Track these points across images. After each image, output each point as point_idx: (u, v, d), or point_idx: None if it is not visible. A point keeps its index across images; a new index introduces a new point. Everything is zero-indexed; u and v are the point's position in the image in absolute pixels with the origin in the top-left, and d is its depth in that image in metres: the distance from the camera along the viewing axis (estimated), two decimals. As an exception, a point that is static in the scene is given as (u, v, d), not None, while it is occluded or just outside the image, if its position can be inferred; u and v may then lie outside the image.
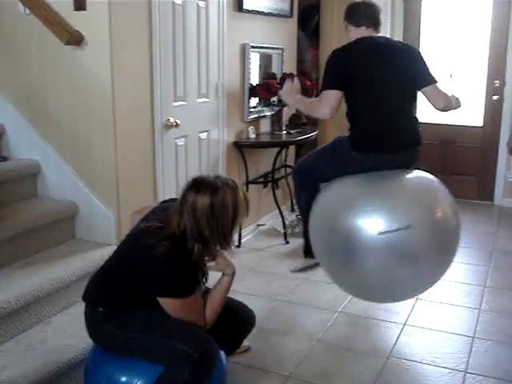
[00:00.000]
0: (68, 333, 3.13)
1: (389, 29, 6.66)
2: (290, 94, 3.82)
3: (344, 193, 3.46)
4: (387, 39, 3.77)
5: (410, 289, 3.43)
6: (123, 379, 2.55)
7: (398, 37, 6.69)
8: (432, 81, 3.58)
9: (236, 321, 2.92)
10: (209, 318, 2.62)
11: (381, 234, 3.23)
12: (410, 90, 3.59)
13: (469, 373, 3.20)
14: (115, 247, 3.68)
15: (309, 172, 3.80)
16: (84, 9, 3.55)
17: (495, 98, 6.41)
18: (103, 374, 2.63)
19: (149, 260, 2.46)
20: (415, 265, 3.23)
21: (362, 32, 3.59)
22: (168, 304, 2.51)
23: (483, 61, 6.46)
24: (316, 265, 4.06)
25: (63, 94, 3.76)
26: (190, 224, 2.47)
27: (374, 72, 3.47)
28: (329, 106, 3.42)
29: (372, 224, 3.15)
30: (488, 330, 3.66)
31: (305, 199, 3.79)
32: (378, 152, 3.45)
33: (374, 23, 3.62)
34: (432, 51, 6.71)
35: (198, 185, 2.52)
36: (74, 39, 3.57)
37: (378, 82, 3.47)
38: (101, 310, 2.62)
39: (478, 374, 3.18)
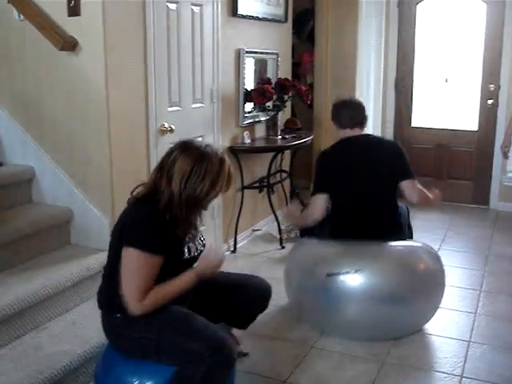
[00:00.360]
0: (63, 339, 3.12)
1: (383, 34, 6.68)
2: (292, 217, 4.27)
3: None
4: (371, 138, 3.98)
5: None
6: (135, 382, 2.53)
7: (393, 41, 6.72)
8: (409, 177, 3.80)
9: (251, 293, 2.90)
10: (150, 301, 2.45)
11: (329, 275, 3.47)
12: (390, 183, 3.79)
13: (465, 377, 3.20)
14: (110, 253, 3.71)
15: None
16: (78, 14, 3.56)
17: (490, 102, 6.43)
18: (114, 377, 2.61)
19: (127, 212, 2.54)
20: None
21: (348, 132, 3.85)
22: (124, 255, 2.44)
23: (478, 65, 6.48)
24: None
25: (58, 99, 3.75)
26: (164, 179, 2.48)
27: (353, 171, 3.76)
28: (318, 210, 3.78)
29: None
30: (483, 335, 3.66)
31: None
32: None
33: (358, 123, 3.84)
34: (427, 56, 6.74)
35: (186, 146, 2.53)
36: (68, 45, 3.57)
37: (355, 180, 3.74)
38: (118, 316, 2.55)
39: (474, 379, 3.18)
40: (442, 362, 3.35)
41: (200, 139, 4.55)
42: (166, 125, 4.13)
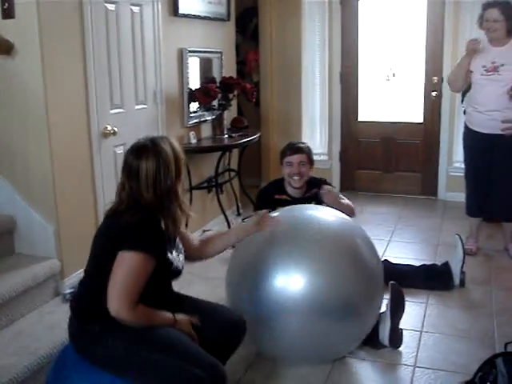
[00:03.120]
0: (8, 351, 3.03)
1: (327, 31, 6.71)
2: None
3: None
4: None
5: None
6: None
7: (337, 37, 6.75)
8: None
9: (225, 332, 2.73)
10: (139, 310, 2.38)
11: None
12: None
13: (418, 367, 3.21)
14: (56, 260, 3.64)
15: None
16: (13, 17, 3.47)
17: (434, 94, 6.50)
18: None
19: (116, 222, 2.46)
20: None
21: None
22: (120, 258, 2.37)
23: (421, 58, 6.55)
24: None
25: (-5, 104, 3.66)
26: (135, 190, 2.46)
27: None
28: None
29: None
30: (435, 324, 3.69)
31: None
32: None
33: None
34: (371, 51, 6.80)
35: (137, 150, 2.51)
36: (4, 48, 3.49)
37: None
38: (98, 323, 2.43)
39: (427, 368, 3.20)
40: (395, 353, 3.36)
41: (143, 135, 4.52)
42: (109, 127, 4.06)
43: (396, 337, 3.39)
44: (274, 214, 3.36)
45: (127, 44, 4.30)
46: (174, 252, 2.59)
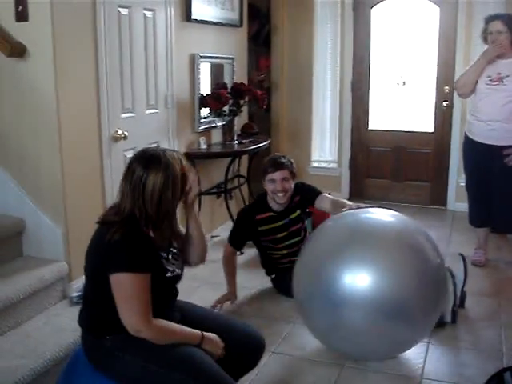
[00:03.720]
0: (16, 353, 3.04)
1: (339, 37, 6.71)
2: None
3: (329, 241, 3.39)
4: None
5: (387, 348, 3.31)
6: None
7: (349, 45, 6.74)
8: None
9: (244, 349, 2.65)
10: (156, 323, 2.33)
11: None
12: None
13: (425, 378, 3.20)
14: (64, 263, 3.64)
15: None
16: (26, 20, 3.49)
17: (445, 103, 6.48)
18: None
19: (102, 235, 2.34)
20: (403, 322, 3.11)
21: None
22: (115, 281, 2.29)
23: (433, 67, 6.53)
24: None
25: (7, 106, 3.67)
26: (136, 199, 2.35)
27: None
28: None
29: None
30: (442, 336, 3.65)
31: None
32: None
33: None
34: (383, 58, 6.78)
35: (147, 160, 2.38)
36: (17, 51, 3.50)
37: None
38: (108, 337, 2.38)
39: (434, 380, 3.19)
40: (402, 365, 3.34)
41: (155, 146, 4.52)
42: (120, 131, 4.07)
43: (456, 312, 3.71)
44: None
45: (139, 48, 4.31)
46: (169, 256, 2.52)
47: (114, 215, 2.41)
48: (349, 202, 3.80)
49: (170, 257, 2.52)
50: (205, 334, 2.46)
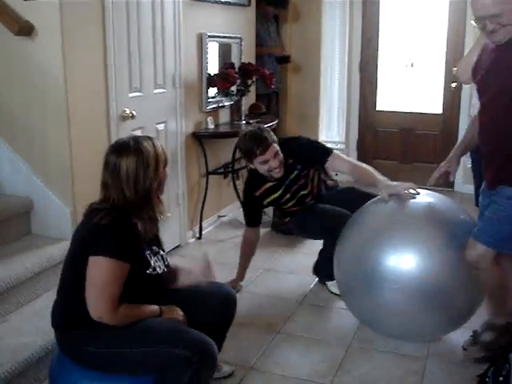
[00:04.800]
0: (24, 330, 3.06)
1: (347, 19, 6.67)
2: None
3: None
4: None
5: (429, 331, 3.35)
6: None
7: (357, 26, 6.71)
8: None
9: (215, 307, 2.76)
10: (121, 311, 2.38)
11: None
12: None
13: (430, 357, 3.23)
14: (71, 242, 3.63)
15: None
16: (34, -2, 3.47)
17: (454, 85, 6.45)
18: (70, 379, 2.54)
19: (87, 223, 2.44)
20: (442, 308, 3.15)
21: None
22: (93, 264, 2.34)
23: (442, 49, 6.49)
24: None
25: (15, 86, 3.67)
26: (114, 187, 2.45)
27: None
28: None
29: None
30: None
31: None
32: None
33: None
34: (391, 40, 6.75)
35: (118, 148, 2.50)
36: (24, 29, 3.48)
37: None
38: (75, 333, 2.45)
39: (440, 359, 3.22)
40: (407, 344, 3.35)
41: (163, 125, 4.53)
42: (128, 111, 4.07)
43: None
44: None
45: (147, 27, 4.29)
46: (153, 257, 2.57)
47: (100, 204, 2.49)
48: (380, 177, 3.66)
49: (153, 255, 2.58)
50: (162, 307, 2.55)
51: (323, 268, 4.03)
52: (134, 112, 4.09)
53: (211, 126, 5.18)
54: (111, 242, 2.35)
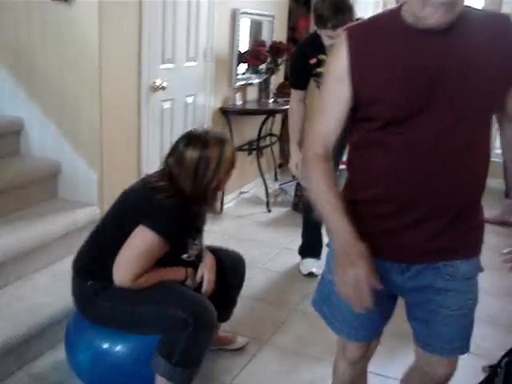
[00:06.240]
0: (47, 291, 3.14)
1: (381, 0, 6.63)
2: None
3: None
4: None
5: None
6: (105, 345, 2.56)
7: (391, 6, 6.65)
8: None
9: (225, 271, 2.84)
10: (140, 282, 2.45)
11: None
12: None
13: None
14: (97, 207, 3.70)
15: None
16: (72, -35, 3.49)
17: None
18: (85, 339, 2.62)
19: (150, 195, 2.48)
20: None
21: None
22: (141, 234, 2.42)
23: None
24: None
25: (50, 51, 3.70)
26: (176, 174, 2.50)
27: None
28: None
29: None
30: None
31: None
32: None
33: None
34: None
35: (189, 137, 2.55)
36: (62, -5, 3.51)
37: None
38: (90, 283, 2.54)
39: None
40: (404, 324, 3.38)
41: (192, 98, 4.55)
42: (158, 82, 4.10)
43: None
44: None
45: (183, 0, 4.31)
46: (193, 245, 2.65)
47: (159, 182, 2.53)
48: None
49: (193, 243, 2.65)
50: (189, 270, 2.61)
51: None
52: (164, 83, 4.12)
53: (239, 103, 5.20)
54: (166, 223, 2.43)
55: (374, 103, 1.70)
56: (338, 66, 1.72)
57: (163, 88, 4.12)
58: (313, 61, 3.65)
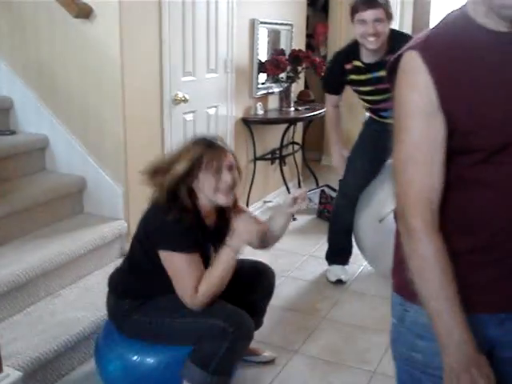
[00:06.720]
0: (76, 306, 3.15)
1: (399, 6, 6.60)
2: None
3: None
4: None
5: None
6: (135, 357, 2.58)
7: (408, 14, 6.63)
8: None
9: (254, 283, 2.86)
10: (202, 291, 2.45)
11: (381, 220, 3.46)
12: None
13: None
14: (123, 221, 3.73)
15: None
16: (93, -18, 3.53)
17: None
18: (115, 352, 2.65)
19: (152, 216, 2.54)
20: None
21: None
22: (165, 257, 2.47)
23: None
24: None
25: (72, 67, 3.74)
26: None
27: None
28: None
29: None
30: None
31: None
32: None
33: None
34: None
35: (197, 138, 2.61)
36: (83, 12, 3.54)
37: None
38: (127, 301, 2.61)
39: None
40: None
41: (213, 109, 4.57)
42: (180, 94, 4.12)
43: None
44: None
45: (202, 12, 4.33)
46: (214, 248, 2.62)
47: (160, 197, 2.53)
48: None
49: (214, 246, 2.61)
50: (226, 245, 2.50)
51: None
52: (186, 96, 4.14)
53: (260, 112, 5.21)
54: (175, 237, 2.46)
55: (475, 131, 1.34)
56: (421, 99, 1.34)
57: (185, 100, 4.14)
58: (348, 66, 3.63)
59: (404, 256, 1.39)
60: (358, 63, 3.58)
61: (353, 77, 3.66)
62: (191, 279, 2.46)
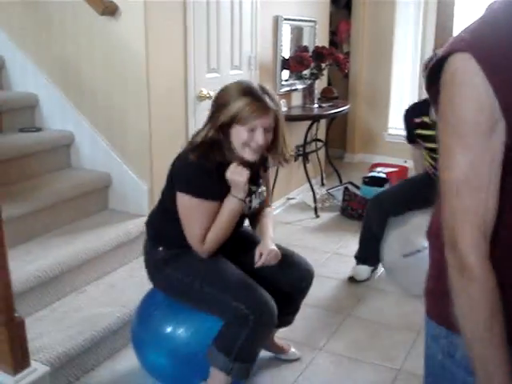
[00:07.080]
0: (102, 302, 3.17)
1: (422, 4, 6.57)
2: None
3: None
4: None
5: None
6: (170, 329, 2.60)
7: (432, 13, 6.59)
8: None
9: (295, 277, 2.80)
10: (207, 241, 2.47)
11: (406, 256, 3.42)
12: None
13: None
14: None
15: None
16: (118, -21, 3.54)
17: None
18: (149, 324, 2.67)
19: (178, 157, 2.56)
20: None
21: None
22: (179, 199, 2.47)
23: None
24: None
25: (98, 64, 3.76)
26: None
27: None
28: None
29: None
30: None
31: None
32: None
33: None
34: (468, 24, 6.60)
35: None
36: (109, 9, 3.56)
37: None
38: (161, 249, 2.61)
39: None
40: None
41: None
42: (205, 91, 4.12)
43: None
44: None
45: (226, 9, 4.33)
46: (252, 198, 2.63)
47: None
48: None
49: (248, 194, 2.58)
50: (229, 194, 2.49)
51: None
52: (210, 92, 4.13)
53: (284, 109, 5.18)
54: (192, 181, 2.45)
55: None
56: (482, 114, 1.11)
57: (210, 97, 4.13)
58: (417, 120, 3.81)
59: (449, 289, 1.21)
60: (426, 119, 3.74)
61: (420, 131, 3.82)
62: (199, 227, 2.47)
